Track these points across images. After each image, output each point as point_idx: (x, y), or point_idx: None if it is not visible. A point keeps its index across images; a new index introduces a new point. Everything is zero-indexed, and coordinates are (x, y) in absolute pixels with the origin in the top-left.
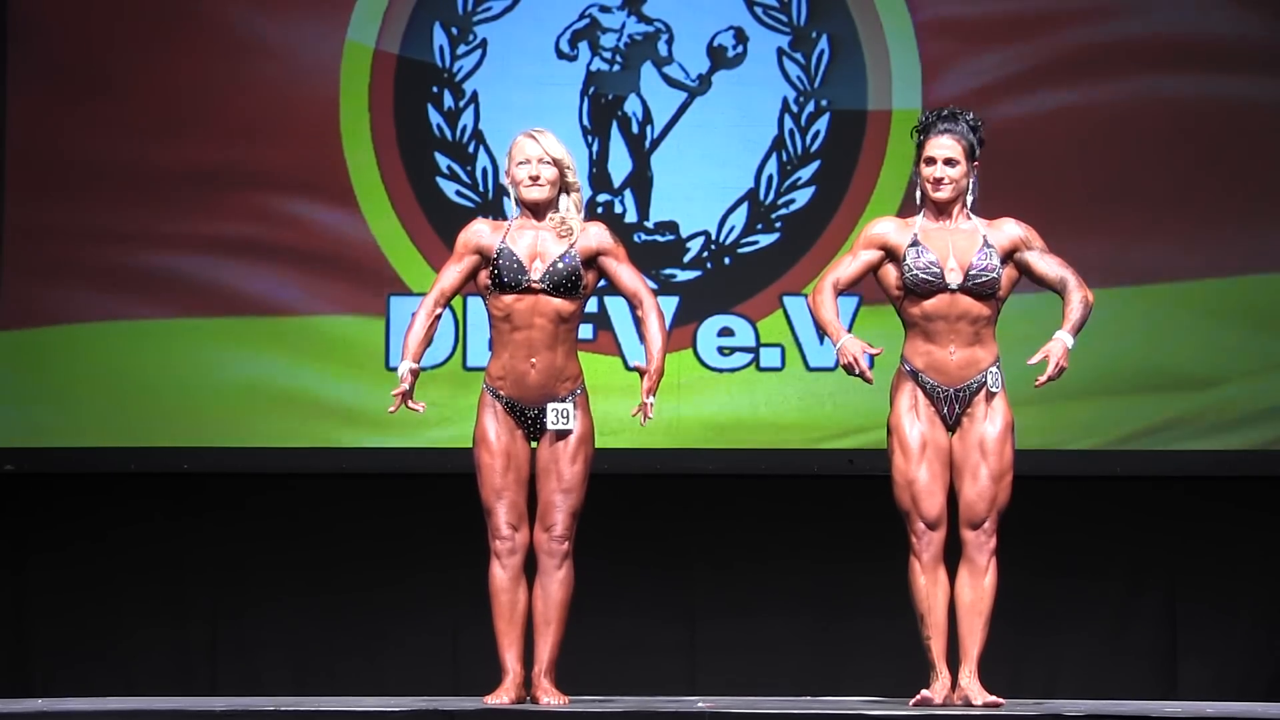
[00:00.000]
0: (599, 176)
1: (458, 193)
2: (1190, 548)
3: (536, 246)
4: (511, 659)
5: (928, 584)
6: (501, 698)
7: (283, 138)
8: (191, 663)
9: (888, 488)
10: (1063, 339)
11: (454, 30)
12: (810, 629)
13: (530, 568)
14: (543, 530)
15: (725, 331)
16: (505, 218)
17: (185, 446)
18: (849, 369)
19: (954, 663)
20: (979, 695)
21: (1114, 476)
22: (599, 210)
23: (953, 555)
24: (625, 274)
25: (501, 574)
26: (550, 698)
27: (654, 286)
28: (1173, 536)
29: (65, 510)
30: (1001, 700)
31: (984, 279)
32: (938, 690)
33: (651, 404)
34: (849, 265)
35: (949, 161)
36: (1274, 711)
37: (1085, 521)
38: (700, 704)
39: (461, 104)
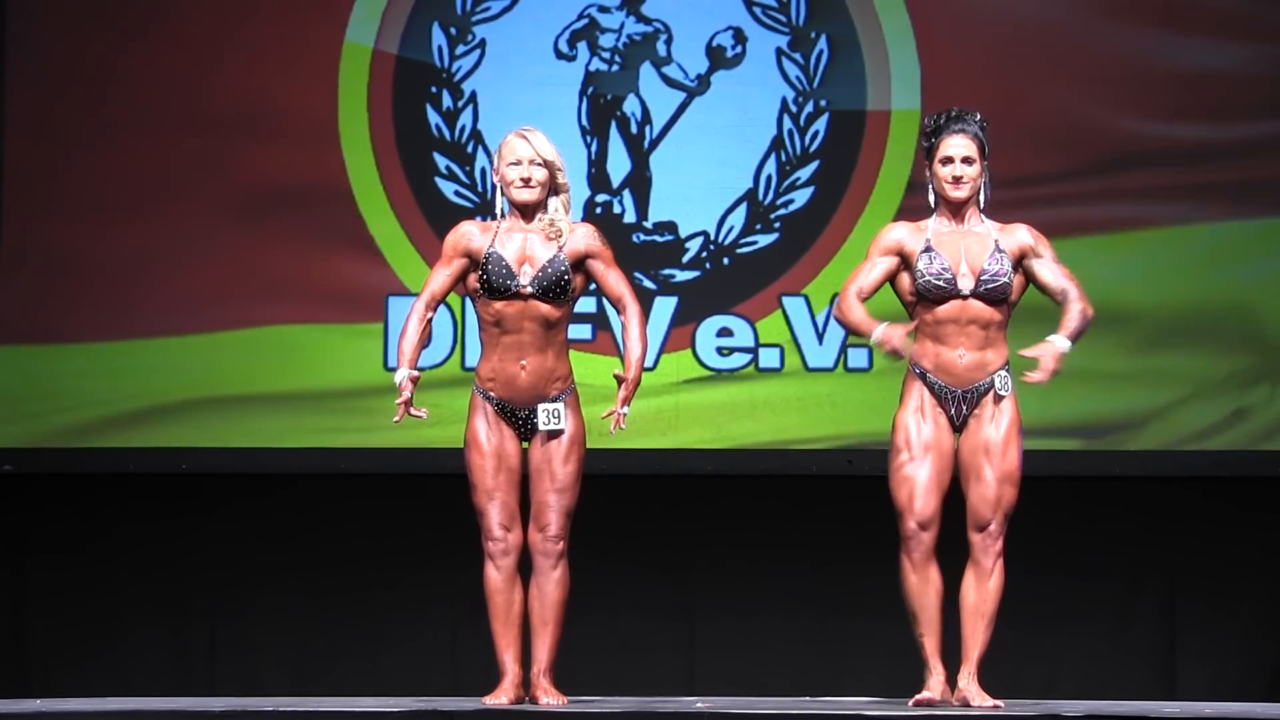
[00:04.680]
0: (598, 177)
1: (456, 193)
2: (1190, 548)
3: (525, 250)
4: (510, 660)
5: (919, 582)
6: (500, 698)
7: (281, 138)
8: (190, 663)
9: (887, 486)
10: (1057, 341)
11: (453, 30)
12: (810, 629)
13: (525, 568)
14: (537, 531)
15: (724, 332)
16: (497, 214)
17: (184, 446)
18: (895, 355)
19: (953, 662)
20: (978, 697)
21: (1114, 477)
22: (598, 210)
23: (959, 557)
24: (611, 278)
25: (496, 575)
26: (550, 698)
27: (653, 287)
28: (1172, 537)
29: (64, 510)
30: (1000, 702)
31: (995, 284)
32: (934, 686)
33: (625, 414)
34: (869, 273)
35: (967, 160)
36: (1273, 712)
37: (1085, 521)
38: (699, 704)
39: (460, 104)
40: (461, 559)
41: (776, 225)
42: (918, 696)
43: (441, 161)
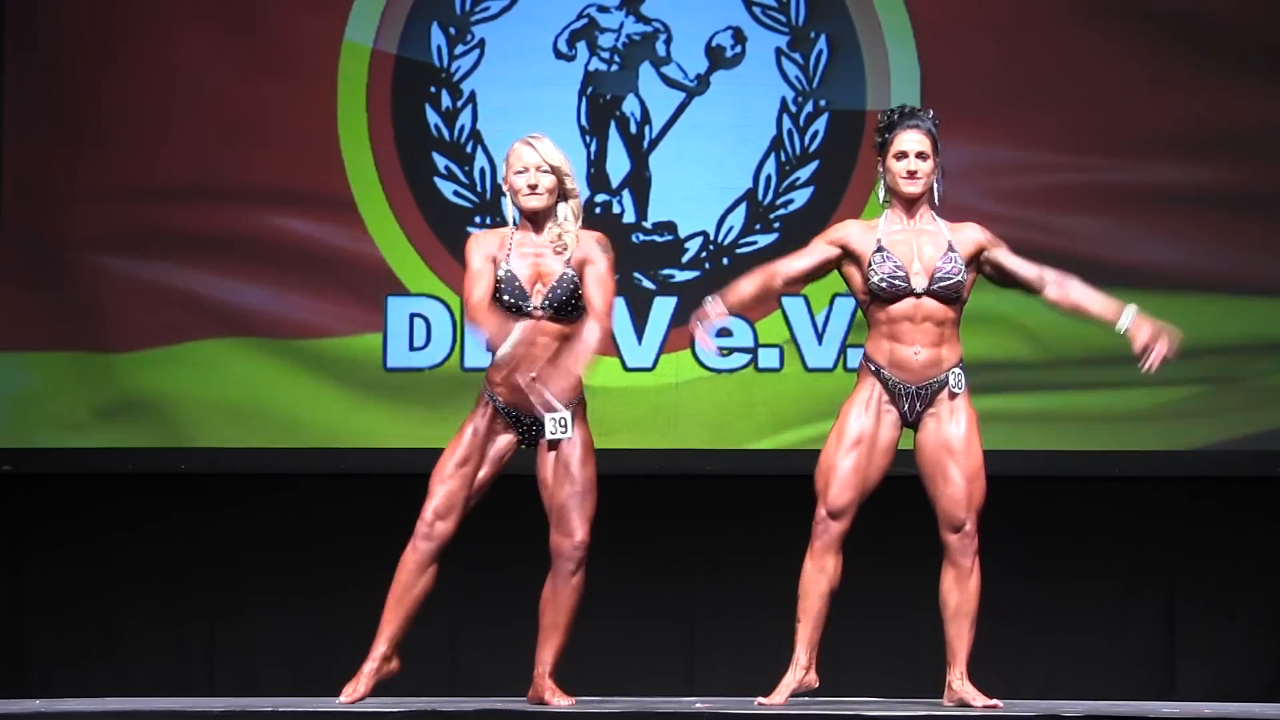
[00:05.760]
0: (597, 177)
1: (455, 193)
2: (1188, 548)
3: (538, 268)
4: (384, 641)
5: (814, 571)
6: (357, 686)
7: (280, 137)
8: (189, 663)
9: (885, 488)
10: (1138, 320)
11: (452, 30)
12: None
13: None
14: (564, 537)
15: (723, 332)
16: (502, 218)
17: (183, 447)
18: (700, 319)
19: (941, 664)
20: (975, 697)
21: (1112, 477)
22: (597, 210)
23: (935, 557)
24: (592, 283)
25: (411, 557)
26: (560, 699)
27: (652, 287)
28: (1171, 537)
29: (63, 510)
30: (998, 702)
31: (949, 284)
32: (793, 676)
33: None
34: (801, 260)
35: (920, 155)
36: (1271, 712)
37: (1083, 522)
38: (698, 704)
39: (459, 104)
40: (459, 559)
41: (776, 225)
42: (760, 699)
43: (441, 161)
